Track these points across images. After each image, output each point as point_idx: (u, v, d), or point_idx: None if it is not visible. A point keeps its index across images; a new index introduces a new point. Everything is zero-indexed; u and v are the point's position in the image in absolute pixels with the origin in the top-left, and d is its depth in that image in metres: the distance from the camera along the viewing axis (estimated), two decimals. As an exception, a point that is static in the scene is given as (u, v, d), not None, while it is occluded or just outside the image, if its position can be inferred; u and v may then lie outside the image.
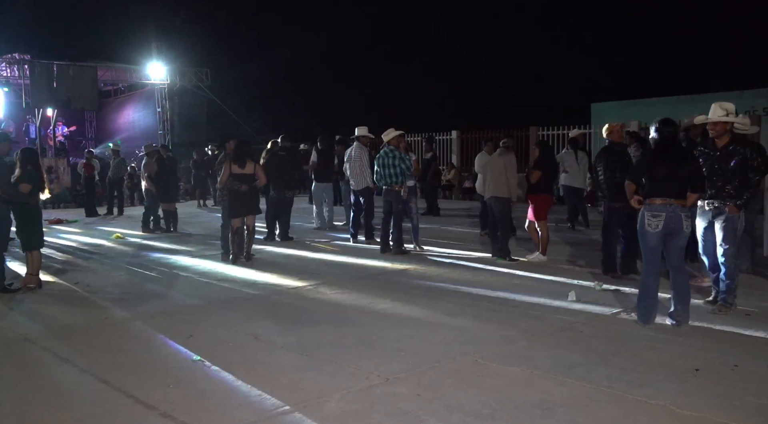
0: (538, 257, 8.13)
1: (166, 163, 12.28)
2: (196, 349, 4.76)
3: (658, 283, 5.22)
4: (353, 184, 10.06)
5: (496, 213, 8.36)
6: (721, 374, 4.04)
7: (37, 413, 3.67)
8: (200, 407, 3.69)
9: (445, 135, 19.72)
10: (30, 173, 6.78)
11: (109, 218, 15.55)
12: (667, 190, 4.98)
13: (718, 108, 5.47)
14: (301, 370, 4.24)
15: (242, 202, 8.30)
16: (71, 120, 24.64)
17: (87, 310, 6.14)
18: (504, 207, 8.27)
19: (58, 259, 9.17)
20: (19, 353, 4.84)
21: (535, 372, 4.11)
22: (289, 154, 10.65)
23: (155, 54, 22.04)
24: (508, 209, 8.37)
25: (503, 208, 8.28)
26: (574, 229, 11.11)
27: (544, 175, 8.01)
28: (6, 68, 20.08)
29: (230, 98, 23.86)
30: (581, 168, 11.14)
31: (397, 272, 7.69)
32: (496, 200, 8.26)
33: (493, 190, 8.29)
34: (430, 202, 14.23)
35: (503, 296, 6.26)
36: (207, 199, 18.26)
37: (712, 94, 15.82)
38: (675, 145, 5.14)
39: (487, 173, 8.56)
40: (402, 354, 4.51)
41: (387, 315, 5.65)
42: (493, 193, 8.29)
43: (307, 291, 6.76)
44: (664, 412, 3.47)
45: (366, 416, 3.50)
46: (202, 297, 6.53)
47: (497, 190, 8.23)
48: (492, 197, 8.30)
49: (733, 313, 5.42)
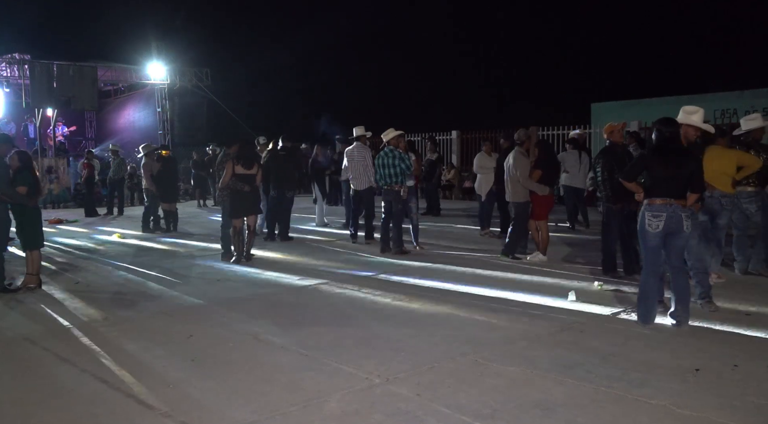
0: (538, 256, 8.13)
1: (167, 162, 12.30)
2: (196, 349, 4.77)
3: (659, 283, 5.23)
4: (355, 184, 10.04)
5: (514, 214, 8.39)
6: (721, 374, 4.04)
7: (37, 413, 3.67)
8: (200, 407, 3.69)
9: (445, 135, 19.72)
10: (24, 177, 6.78)
11: (109, 218, 15.55)
12: (668, 191, 4.98)
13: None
14: (301, 370, 4.24)
15: (245, 202, 8.31)
16: (71, 120, 24.61)
17: (87, 310, 6.14)
18: (521, 209, 8.26)
19: (58, 259, 9.17)
20: (19, 353, 4.84)
21: (535, 372, 4.11)
22: (290, 154, 10.64)
23: (155, 54, 22.03)
24: (526, 212, 8.27)
25: (519, 211, 8.27)
26: (574, 229, 11.11)
27: (544, 174, 8.00)
28: (6, 68, 20.07)
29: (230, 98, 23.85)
30: (582, 168, 11.14)
31: (397, 271, 7.69)
32: (514, 203, 8.33)
33: (510, 196, 8.34)
34: (431, 202, 14.24)
35: (503, 296, 6.26)
36: (207, 199, 18.27)
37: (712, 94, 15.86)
38: (676, 145, 5.13)
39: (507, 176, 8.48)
40: (402, 354, 4.51)
41: (387, 315, 5.65)
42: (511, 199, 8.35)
43: (307, 291, 6.76)
44: (664, 412, 3.47)
45: (366, 416, 3.50)
46: (202, 297, 6.53)
47: (514, 194, 8.26)
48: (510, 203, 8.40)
49: (734, 313, 5.42)
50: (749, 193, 6.79)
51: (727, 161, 6.40)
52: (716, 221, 6.54)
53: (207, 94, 23.11)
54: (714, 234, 6.58)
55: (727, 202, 6.48)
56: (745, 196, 6.82)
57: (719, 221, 6.54)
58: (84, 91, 19.99)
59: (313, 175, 12.87)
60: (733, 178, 6.46)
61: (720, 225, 6.58)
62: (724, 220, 6.55)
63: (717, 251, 6.60)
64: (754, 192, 6.81)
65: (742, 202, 6.86)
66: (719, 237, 6.61)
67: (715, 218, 6.53)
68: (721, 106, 15.35)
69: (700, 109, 5.51)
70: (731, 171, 6.40)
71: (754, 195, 6.81)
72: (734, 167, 6.41)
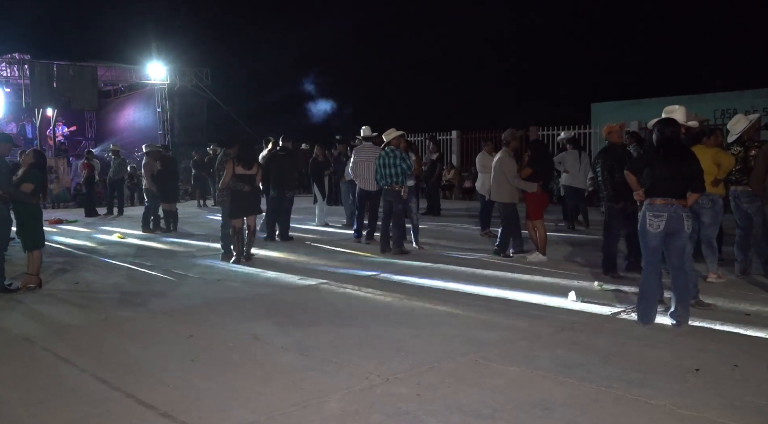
0: (538, 256, 8.13)
1: (168, 162, 12.30)
2: (196, 349, 4.77)
3: (659, 283, 5.23)
4: (366, 185, 9.96)
5: (501, 215, 8.50)
6: (721, 374, 4.04)
7: (37, 413, 3.67)
8: (200, 407, 3.69)
9: (445, 135, 19.72)
10: (34, 175, 6.82)
11: (109, 218, 15.55)
12: (669, 191, 4.98)
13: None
14: (301, 370, 4.24)
15: (245, 202, 8.31)
16: (71, 120, 24.60)
17: (87, 310, 6.14)
18: (506, 210, 8.36)
19: (58, 259, 9.17)
20: (19, 353, 4.84)
21: (535, 372, 4.11)
22: (290, 154, 10.63)
23: (155, 54, 22.02)
24: (513, 211, 8.39)
25: (505, 212, 8.39)
26: (574, 229, 11.11)
27: (534, 173, 8.01)
28: (6, 68, 20.06)
29: (230, 98, 23.85)
30: (582, 168, 11.14)
31: (397, 271, 7.69)
32: (499, 204, 8.46)
33: (494, 195, 8.48)
34: (431, 202, 14.23)
35: (503, 296, 6.26)
36: (207, 199, 18.27)
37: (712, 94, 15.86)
38: (677, 145, 5.13)
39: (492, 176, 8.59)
40: (402, 354, 4.51)
41: (387, 315, 5.65)
42: (494, 198, 8.51)
43: (307, 291, 6.76)
44: (664, 412, 3.47)
45: (366, 416, 3.50)
46: (202, 297, 6.53)
47: (498, 194, 8.36)
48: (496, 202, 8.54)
49: (733, 313, 5.42)
50: (749, 194, 6.78)
51: (705, 160, 6.36)
52: (701, 219, 6.51)
53: (207, 94, 23.10)
54: (704, 233, 6.55)
55: (706, 202, 6.41)
56: (745, 196, 6.81)
57: (703, 219, 6.50)
58: (84, 91, 19.99)
59: (313, 176, 12.88)
60: (716, 176, 6.44)
61: (706, 223, 6.51)
62: (707, 218, 6.48)
63: (709, 251, 6.59)
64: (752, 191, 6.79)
65: (743, 202, 6.85)
66: (710, 236, 6.56)
67: (699, 217, 6.50)
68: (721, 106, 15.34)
69: (681, 107, 5.54)
70: (711, 170, 6.34)
71: (752, 195, 6.78)
72: (713, 166, 6.37)
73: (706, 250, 6.58)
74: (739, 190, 6.86)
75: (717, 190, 6.50)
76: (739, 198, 6.88)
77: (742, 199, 6.84)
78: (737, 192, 6.91)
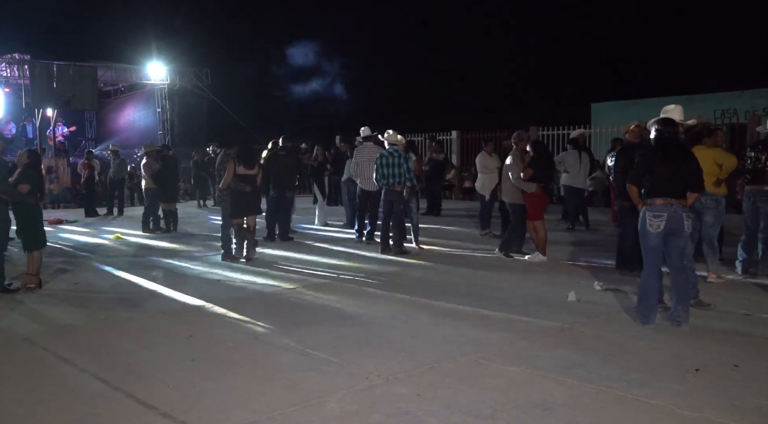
0: (538, 257, 8.13)
1: (167, 162, 12.30)
2: (196, 349, 4.77)
3: (659, 283, 5.23)
4: (367, 185, 9.94)
5: (510, 214, 8.54)
6: (721, 374, 4.04)
7: (37, 413, 3.67)
8: (200, 407, 3.69)
9: (445, 135, 19.71)
10: (29, 175, 6.80)
11: (109, 218, 15.55)
12: (669, 190, 4.98)
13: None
14: (301, 370, 4.24)
15: (245, 202, 8.32)
16: (71, 120, 24.58)
17: (87, 310, 6.13)
18: (516, 210, 8.38)
19: (58, 259, 9.16)
20: (19, 353, 4.84)
21: (535, 372, 4.11)
22: (290, 154, 10.63)
23: (155, 54, 22.02)
24: (524, 212, 8.35)
25: (516, 212, 8.40)
26: (574, 229, 11.10)
27: (536, 173, 8.02)
28: (6, 68, 20.05)
29: (230, 98, 23.84)
30: (582, 168, 11.14)
31: (397, 271, 7.69)
32: (510, 205, 8.49)
33: (506, 196, 8.53)
34: (432, 202, 14.23)
35: (503, 296, 6.26)
36: (207, 200, 18.27)
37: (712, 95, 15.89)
38: (677, 146, 5.13)
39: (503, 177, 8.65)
40: (402, 354, 4.51)
41: (387, 315, 5.65)
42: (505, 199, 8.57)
43: (307, 291, 6.76)
44: (664, 412, 3.47)
45: (366, 416, 3.50)
46: (202, 297, 6.53)
47: (511, 195, 8.40)
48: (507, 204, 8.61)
49: (734, 313, 5.42)
50: (765, 192, 6.76)
51: (706, 161, 6.37)
52: (704, 219, 6.51)
53: (207, 94, 23.09)
54: (706, 233, 6.55)
55: (710, 201, 6.43)
56: (761, 195, 6.80)
57: (706, 218, 6.49)
58: (84, 91, 19.97)
59: (313, 176, 12.88)
60: (718, 177, 6.44)
61: (708, 223, 6.50)
62: (710, 217, 6.48)
63: (710, 251, 6.58)
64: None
65: (760, 201, 6.82)
66: (711, 235, 6.55)
67: (702, 217, 6.50)
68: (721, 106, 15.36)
69: (678, 106, 5.54)
70: (713, 170, 6.34)
71: None
72: (714, 166, 6.37)
73: (707, 249, 6.58)
74: (755, 189, 6.83)
75: (719, 190, 6.50)
76: (755, 197, 6.85)
77: (758, 197, 6.82)
78: (752, 191, 6.89)
